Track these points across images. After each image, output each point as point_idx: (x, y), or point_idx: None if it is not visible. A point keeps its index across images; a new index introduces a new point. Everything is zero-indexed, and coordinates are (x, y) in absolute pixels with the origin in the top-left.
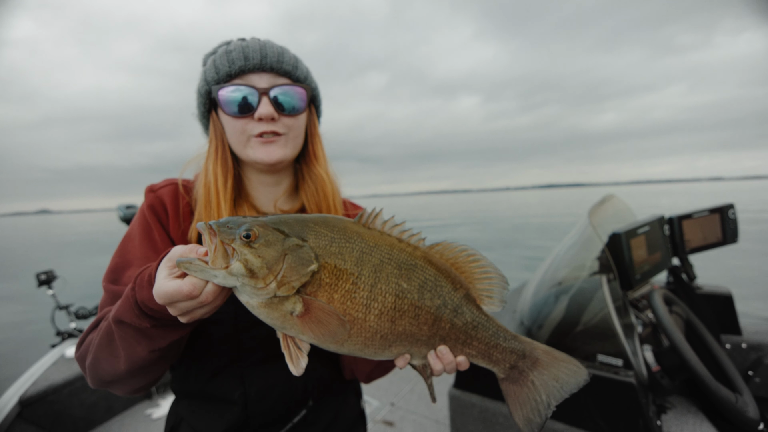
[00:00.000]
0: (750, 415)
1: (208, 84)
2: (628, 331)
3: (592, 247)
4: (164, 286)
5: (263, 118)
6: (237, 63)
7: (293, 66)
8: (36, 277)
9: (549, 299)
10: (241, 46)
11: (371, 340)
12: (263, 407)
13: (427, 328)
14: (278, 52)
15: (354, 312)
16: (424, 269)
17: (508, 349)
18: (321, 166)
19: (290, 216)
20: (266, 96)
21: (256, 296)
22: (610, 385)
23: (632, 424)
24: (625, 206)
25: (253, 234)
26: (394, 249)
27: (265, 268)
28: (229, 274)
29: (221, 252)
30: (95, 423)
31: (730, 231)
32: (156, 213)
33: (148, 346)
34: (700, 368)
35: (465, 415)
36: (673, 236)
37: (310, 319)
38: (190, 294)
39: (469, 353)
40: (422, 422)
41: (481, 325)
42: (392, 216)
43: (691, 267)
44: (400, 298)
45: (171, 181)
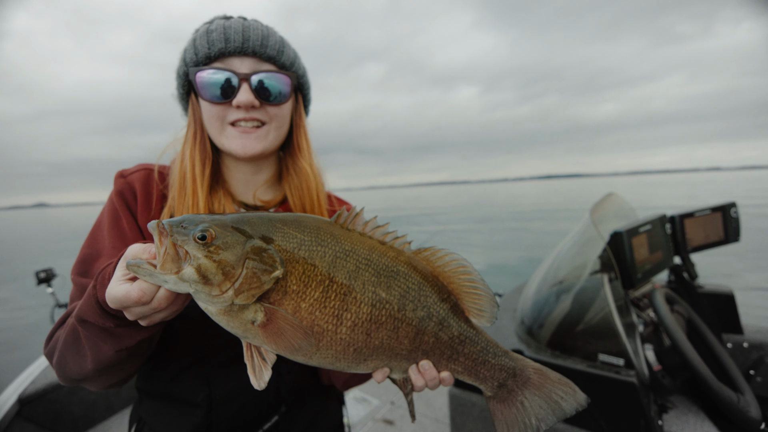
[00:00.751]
0: (752, 415)
1: (186, 65)
2: (629, 331)
3: (593, 245)
4: (113, 291)
5: (242, 106)
6: (217, 45)
7: (278, 50)
8: (35, 276)
9: (550, 298)
10: (222, 26)
11: (343, 354)
12: (229, 411)
13: (408, 341)
14: (262, 34)
15: (323, 323)
16: (408, 276)
17: (497, 367)
18: (305, 158)
19: (256, 215)
20: (246, 82)
21: (213, 304)
22: (612, 384)
23: (633, 423)
24: (626, 204)
25: (209, 235)
26: (374, 253)
27: (221, 274)
28: (181, 280)
29: (172, 255)
30: (95, 421)
31: (732, 230)
32: (125, 199)
33: (114, 346)
34: (701, 368)
35: (465, 414)
36: (675, 235)
37: (273, 331)
38: (139, 300)
39: (455, 369)
40: (422, 421)
41: (468, 339)
42: (375, 216)
43: (693, 266)
44: (378, 309)
45: (144, 166)
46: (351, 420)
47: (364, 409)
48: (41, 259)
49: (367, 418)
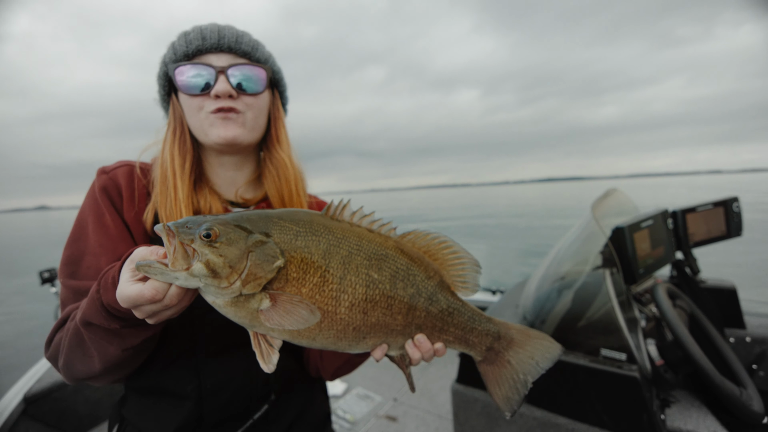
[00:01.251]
0: (754, 409)
1: (166, 65)
2: (631, 326)
3: (595, 241)
4: (126, 290)
5: (220, 95)
6: (194, 43)
7: (252, 47)
8: (39, 275)
9: (552, 294)
10: (199, 28)
11: (344, 333)
12: (219, 402)
13: (402, 317)
14: (237, 33)
15: (324, 305)
16: (396, 259)
17: (483, 332)
18: (284, 150)
19: (253, 212)
20: (223, 74)
21: (221, 296)
22: (614, 379)
23: (636, 418)
24: (628, 200)
25: (214, 233)
26: (363, 240)
27: (228, 267)
28: (191, 276)
29: (181, 253)
30: (100, 419)
31: (734, 224)
32: (108, 195)
33: (121, 346)
34: (704, 362)
35: (468, 410)
36: (677, 230)
37: (279, 311)
38: (153, 298)
39: (446, 339)
40: (425, 417)
41: (456, 311)
42: (361, 206)
43: (695, 261)
44: (371, 289)
45: (125, 162)
46: (354, 416)
47: (367, 406)
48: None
49: (370, 415)
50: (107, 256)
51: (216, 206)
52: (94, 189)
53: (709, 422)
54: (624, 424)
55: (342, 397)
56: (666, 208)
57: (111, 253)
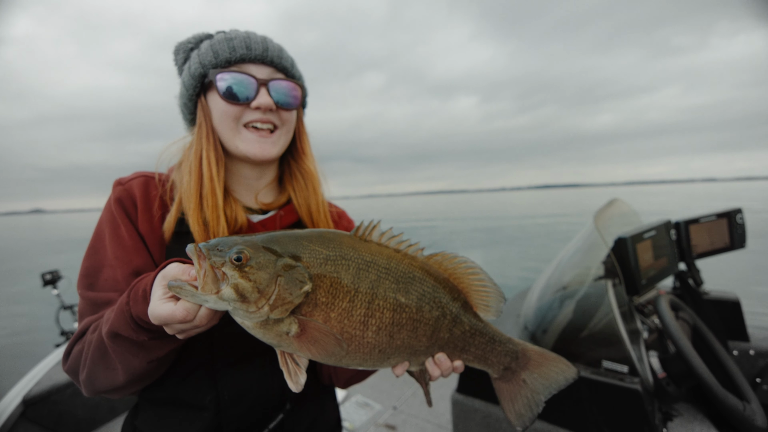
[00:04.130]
0: (758, 423)
1: (204, 67)
2: (633, 337)
3: (597, 251)
4: (158, 310)
5: (261, 107)
6: (239, 51)
7: (291, 64)
8: (41, 277)
9: (554, 304)
10: (243, 35)
11: (370, 355)
12: (237, 412)
13: (426, 338)
14: (279, 48)
15: (351, 330)
16: (423, 281)
17: (503, 352)
18: (310, 161)
19: (282, 233)
20: (265, 87)
21: (250, 319)
22: (616, 391)
23: (638, 431)
24: (630, 210)
25: (245, 257)
26: (391, 261)
27: (257, 292)
28: (220, 299)
29: (211, 277)
30: (98, 423)
31: (737, 236)
32: (124, 207)
33: (146, 358)
34: (706, 375)
35: (468, 420)
36: (680, 241)
37: (307, 339)
38: (184, 319)
39: (467, 358)
40: (424, 426)
41: (478, 332)
42: (390, 228)
43: (698, 272)
44: (398, 313)
45: (142, 173)
46: (354, 424)
47: (367, 414)
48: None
49: (370, 423)
50: (123, 268)
51: (240, 216)
52: (110, 201)
53: None
54: None
55: (341, 404)
56: (669, 218)
57: (127, 265)
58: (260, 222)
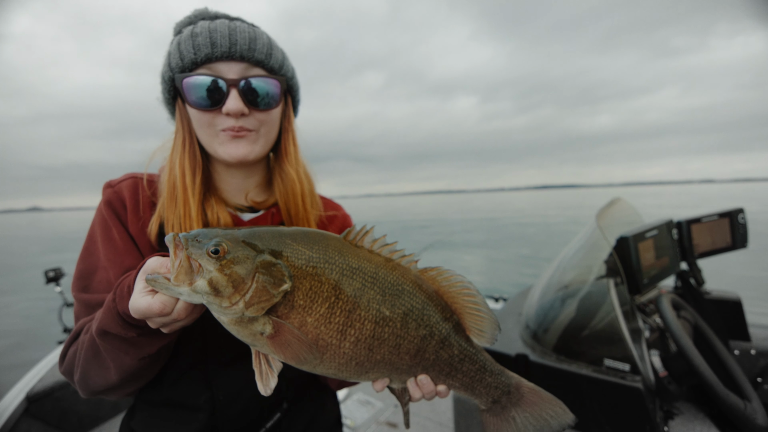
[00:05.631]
0: (759, 422)
1: (172, 70)
2: (635, 336)
3: (599, 250)
4: (136, 303)
5: (231, 114)
6: (203, 50)
7: (266, 54)
8: (44, 274)
9: (555, 303)
10: (208, 29)
11: (345, 366)
12: (233, 412)
13: (409, 357)
14: (249, 37)
15: (328, 338)
16: (412, 295)
17: (492, 385)
18: (291, 164)
19: (266, 229)
20: (235, 88)
21: (224, 314)
22: (617, 389)
23: (639, 429)
24: (632, 209)
25: (222, 249)
26: (380, 271)
27: (231, 287)
28: (194, 292)
29: (186, 268)
30: (101, 419)
31: (739, 236)
32: (113, 209)
33: (137, 355)
34: (708, 374)
35: (469, 418)
36: (682, 240)
37: (279, 342)
38: (161, 312)
39: (452, 384)
40: (426, 424)
41: (468, 358)
42: (384, 235)
43: (700, 272)
44: (380, 326)
45: (131, 174)
46: (355, 422)
47: (368, 412)
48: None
49: (371, 421)
50: (115, 269)
51: (224, 217)
52: (101, 204)
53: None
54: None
55: (343, 402)
56: (671, 218)
57: (119, 267)
58: (250, 221)
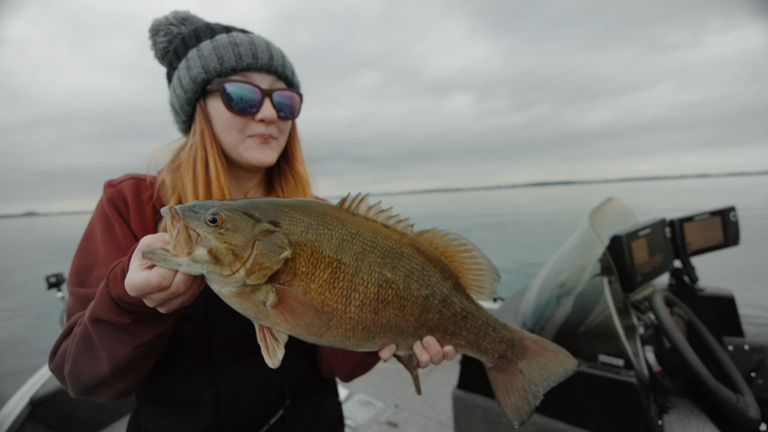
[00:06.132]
0: (751, 415)
1: (208, 73)
2: (629, 332)
3: (593, 249)
4: (133, 278)
5: (266, 120)
6: (245, 59)
7: (292, 72)
8: (46, 280)
9: (551, 301)
10: (247, 41)
11: (352, 332)
12: (237, 409)
13: (414, 319)
14: (282, 55)
15: (333, 303)
16: (411, 257)
17: (497, 339)
18: (301, 164)
19: (264, 200)
20: (269, 98)
21: (226, 285)
22: (612, 385)
23: (634, 423)
24: (625, 208)
25: (220, 218)
26: (378, 236)
27: (231, 254)
28: (193, 261)
29: (184, 237)
30: (103, 424)
31: (731, 233)
32: (116, 207)
33: (131, 343)
34: (700, 369)
35: (469, 416)
36: (675, 238)
37: (285, 310)
38: (160, 285)
39: (458, 343)
40: (426, 423)
41: (470, 314)
42: (379, 201)
43: (693, 269)
44: (384, 288)
45: (132, 175)
46: (356, 422)
47: (369, 412)
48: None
49: (372, 421)
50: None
51: None
52: (102, 202)
53: (708, 430)
54: (622, 430)
55: (344, 403)
56: (664, 217)
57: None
58: None
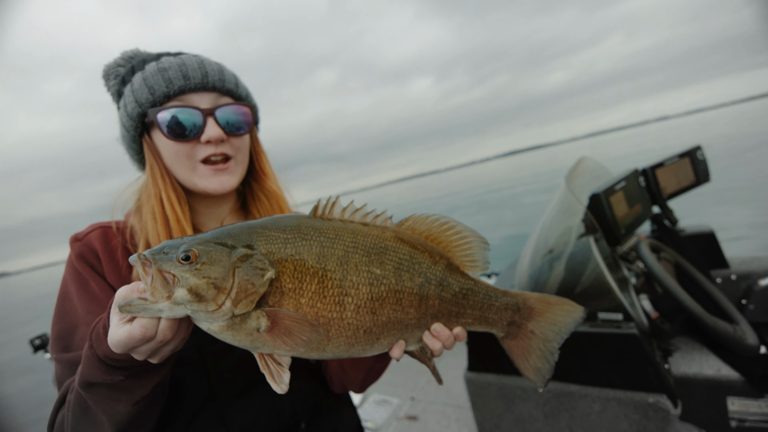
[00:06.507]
0: (749, 342)
1: (141, 106)
2: (622, 285)
3: (575, 211)
4: (115, 335)
5: (212, 141)
6: (176, 83)
7: (235, 84)
8: (30, 344)
9: (543, 268)
10: (177, 63)
11: (354, 338)
12: None
13: (414, 310)
14: (219, 68)
15: (327, 313)
16: (397, 249)
17: (502, 307)
18: (271, 181)
19: (233, 225)
20: (212, 117)
21: (214, 320)
22: (615, 339)
23: (642, 372)
24: (598, 165)
25: (193, 254)
26: (358, 235)
27: (213, 288)
28: (174, 304)
29: (160, 281)
30: None
31: (701, 171)
32: (87, 261)
33: (130, 400)
34: (694, 307)
35: (484, 395)
36: (650, 186)
37: (280, 332)
38: (144, 336)
39: (465, 322)
40: (444, 410)
41: (470, 291)
42: (351, 201)
43: (671, 212)
44: (376, 286)
45: (97, 225)
46: (376, 423)
47: (386, 410)
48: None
49: (391, 418)
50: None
51: None
52: (71, 259)
53: (711, 362)
54: (632, 380)
55: (360, 406)
56: (635, 167)
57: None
58: None
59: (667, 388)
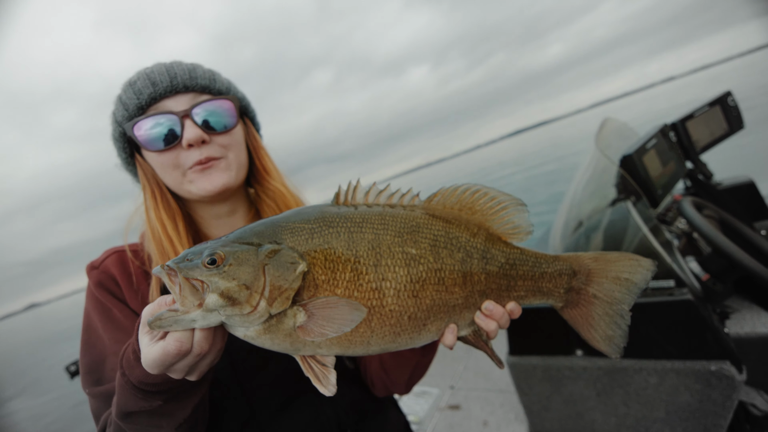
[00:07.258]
0: None
1: (120, 125)
2: (667, 249)
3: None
4: (149, 354)
5: (193, 144)
6: (145, 92)
7: (210, 79)
8: (66, 370)
9: (580, 240)
10: (145, 73)
11: (399, 325)
12: None
13: (459, 288)
14: (188, 68)
15: (366, 301)
16: (430, 226)
17: (555, 273)
18: (275, 179)
19: (257, 223)
20: (188, 118)
21: (250, 324)
22: (668, 308)
23: (701, 339)
24: (623, 125)
25: (218, 257)
26: (386, 217)
27: (245, 289)
28: (207, 311)
29: (189, 289)
30: None
31: (734, 118)
32: (107, 289)
33: (172, 424)
34: (749, 262)
35: (529, 378)
36: (681, 141)
37: (320, 322)
38: (180, 351)
39: (518, 296)
40: (487, 396)
41: (517, 260)
42: (374, 183)
43: (705, 165)
44: (414, 267)
45: (112, 250)
46: (418, 416)
47: (427, 402)
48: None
49: (433, 409)
50: None
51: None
52: (90, 289)
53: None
54: (691, 349)
55: (399, 400)
56: (664, 122)
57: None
58: None
59: (730, 354)
